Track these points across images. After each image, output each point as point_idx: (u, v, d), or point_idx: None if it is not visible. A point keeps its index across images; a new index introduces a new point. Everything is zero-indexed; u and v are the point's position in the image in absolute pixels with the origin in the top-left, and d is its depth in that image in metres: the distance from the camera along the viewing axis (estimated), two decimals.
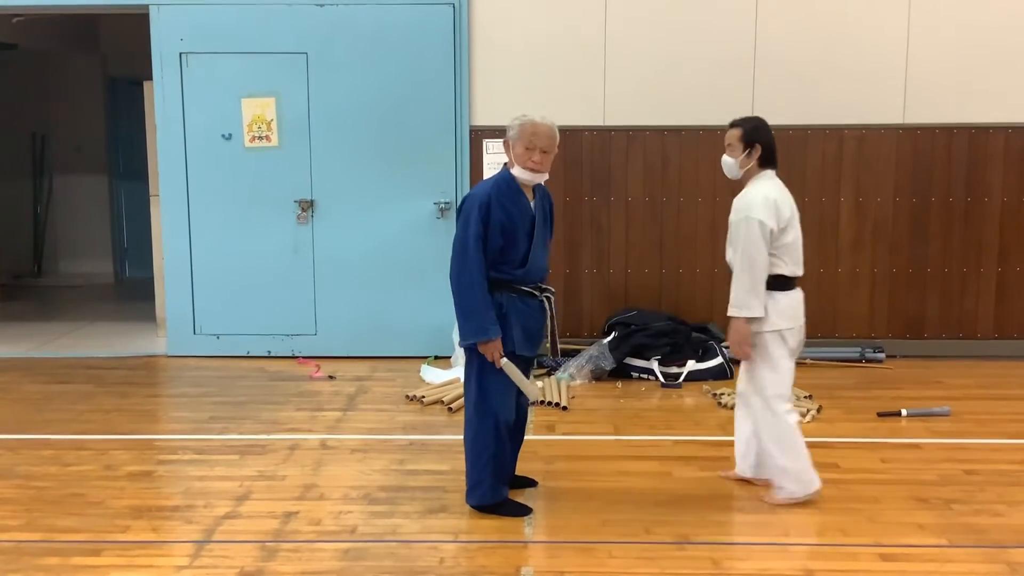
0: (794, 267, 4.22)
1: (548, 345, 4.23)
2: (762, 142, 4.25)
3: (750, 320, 4.15)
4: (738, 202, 4.21)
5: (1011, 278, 7.11)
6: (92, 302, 9.64)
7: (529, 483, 4.47)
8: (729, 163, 4.31)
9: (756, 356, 4.21)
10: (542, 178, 4.07)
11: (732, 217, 4.20)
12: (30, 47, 10.39)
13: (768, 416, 4.23)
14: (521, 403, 4.25)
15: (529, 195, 4.09)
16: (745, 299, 4.15)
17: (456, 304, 4.01)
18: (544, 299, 4.14)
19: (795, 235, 4.21)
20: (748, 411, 4.37)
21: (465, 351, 4.15)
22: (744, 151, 4.25)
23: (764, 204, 4.12)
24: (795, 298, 4.26)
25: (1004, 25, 6.89)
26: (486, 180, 4.15)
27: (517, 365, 4.08)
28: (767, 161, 4.27)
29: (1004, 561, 3.71)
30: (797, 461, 4.22)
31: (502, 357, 3.98)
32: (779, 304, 4.19)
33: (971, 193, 7.05)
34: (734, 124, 4.32)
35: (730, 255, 4.27)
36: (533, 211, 4.08)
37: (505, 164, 4.12)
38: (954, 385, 6.40)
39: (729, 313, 4.19)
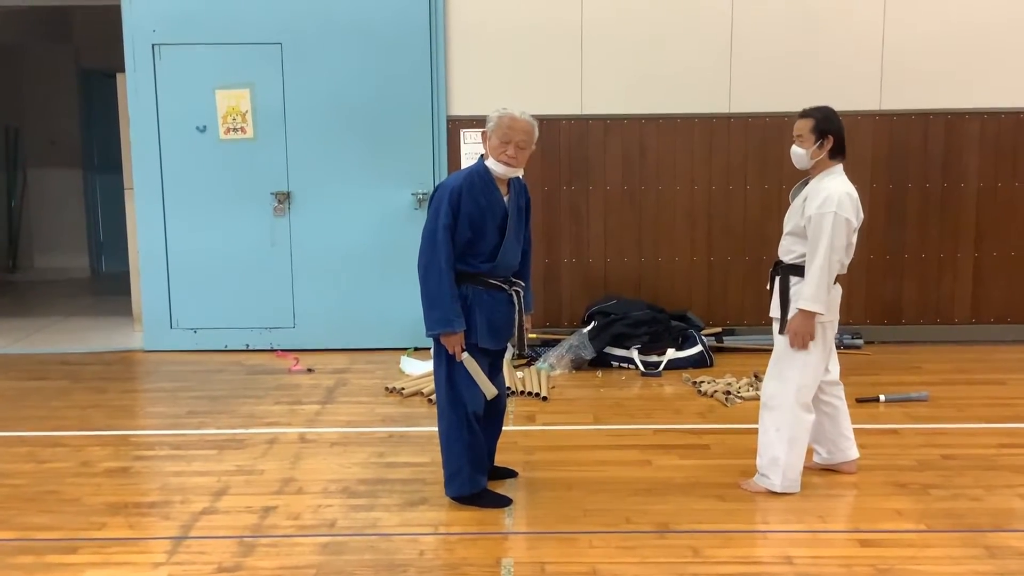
0: (847, 264, 4.21)
1: (515, 340, 4.20)
2: (834, 132, 4.16)
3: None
4: (818, 195, 4.08)
5: (987, 263, 7.15)
6: (67, 297, 9.55)
7: (510, 474, 4.46)
8: (799, 154, 4.20)
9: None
10: (516, 173, 4.03)
11: (814, 211, 4.06)
12: (2, 40, 10.27)
13: (790, 408, 4.17)
14: (499, 392, 4.22)
15: (503, 189, 4.06)
16: (821, 295, 4.05)
17: (422, 294, 3.99)
18: (513, 292, 4.12)
19: (854, 235, 4.17)
20: (765, 404, 4.28)
21: (433, 343, 4.12)
22: (816, 142, 4.16)
23: (850, 202, 4.07)
24: (838, 291, 4.23)
25: (979, 11, 6.91)
26: (460, 171, 4.13)
27: (483, 358, 4.07)
28: (838, 152, 4.19)
29: (982, 545, 3.73)
30: (793, 458, 4.21)
31: (463, 351, 3.97)
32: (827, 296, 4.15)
33: (947, 179, 7.08)
34: (804, 114, 4.23)
35: (801, 248, 4.14)
36: (506, 205, 4.04)
37: (482, 155, 4.09)
38: (932, 370, 6.43)
39: (801, 306, 4.06)
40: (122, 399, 6.04)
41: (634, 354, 6.52)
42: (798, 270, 4.16)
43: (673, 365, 6.50)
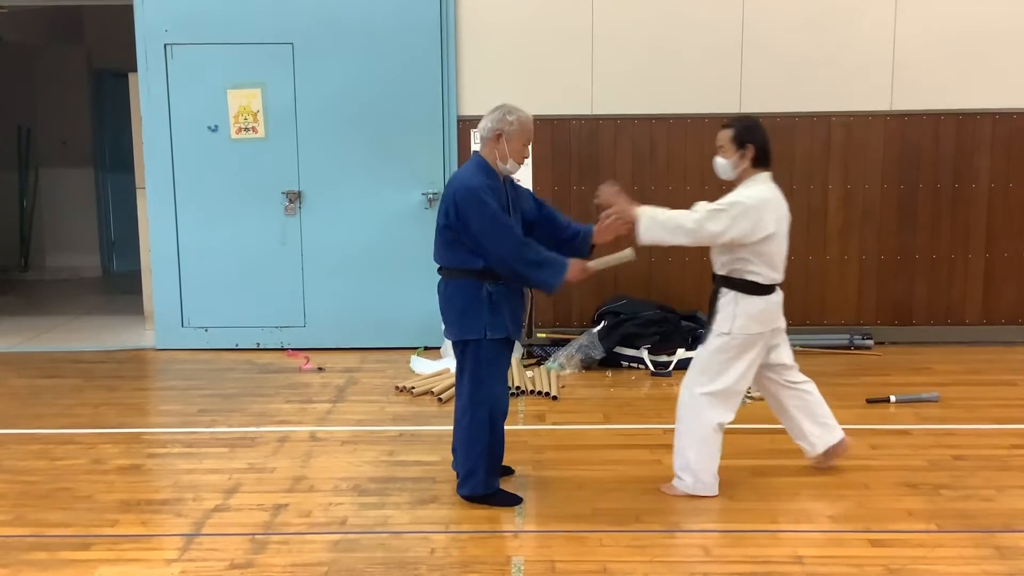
0: (772, 274, 4.14)
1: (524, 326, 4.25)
2: (755, 142, 4.16)
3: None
4: (730, 197, 4.10)
5: (999, 264, 7.13)
6: (79, 296, 9.60)
7: (506, 471, 4.46)
8: (722, 164, 4.23)
9: (719, 354, 4.16)
10: None
11: (715, 204, 4.08)
12: (14, 40, 10.31)
13: (699, 410, 4.17)
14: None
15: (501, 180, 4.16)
16: (656, 230, 4.07)
17: (525, 268, 3.99)
18: None
19: (779, 244, 4.12)
20: (680, 408, 4.29)
21: (458, 344, 4.13)
22: (737, 152, 4.17)
23: (750, 210, 4.01)
24: (772, 302, 4.17)
25: (991, 11, 6.88)
26: (468, 170, 4.11)
27: (507, 349, 4.11)
28: (761, 162, 4.19)
29: (993, 545, 3.72)
30: (704, 460, 4.18)
31: (586, 262, 4.07)
32: (752, 309, 4.11)
33: (959, 179, 7.06)
34: (726, 125, 4.24)
35: (726, 256, 4.15)
36: (507, 194, 4.14)
37: (476, 152, 4.14)
38: (942, 371, 6.41)
39: (640, 214, 4.07)
40: (134, 397, 6.06)
41: (644, 354, 6.52)
42: (729, 282, 4.15)
43: (683, 365, 6.44)
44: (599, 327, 6.67)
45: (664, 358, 6.53)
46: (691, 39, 6.94)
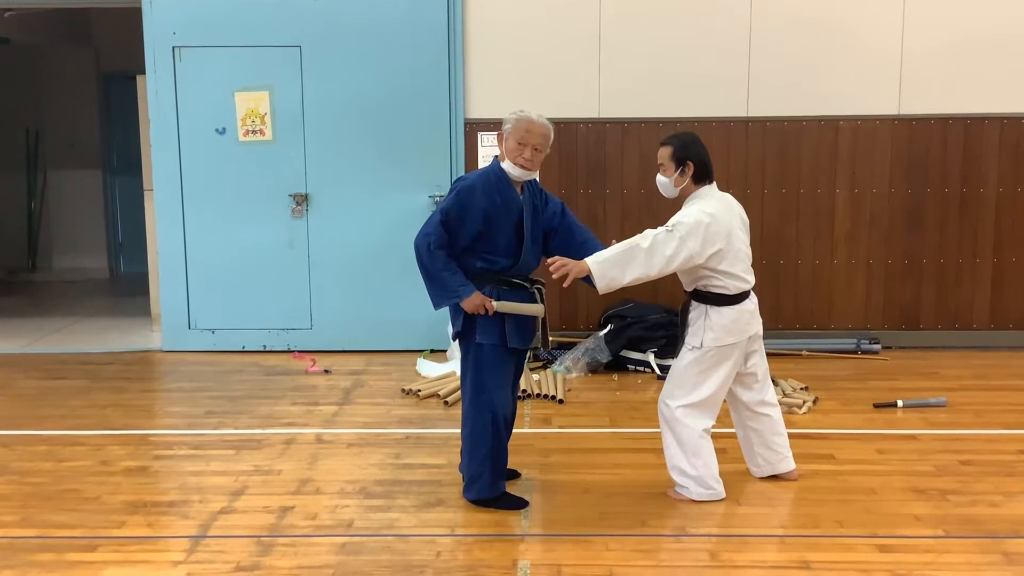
0: (738, 284, 4.12)
1: (539, 336, 4.20)
2: (694, 159, 4.13)
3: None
4: (673, 219, 4.08)
5: (1007, 268, 7.11)
6: (87, 297, 9.62)
7: (513, 475, 4.46)
8: (664, 183, 4.22)
9: (692, 367, 4.17)
10: (531, 175, 4.09)
11: (661, 228, 4.04)
12: (22, 42, 10.34)
13: (680, 423, 4.17)
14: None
15: (518, 188, 4.10)
16: (614, 273, 4.01)
17: (421, 270, 4.05)
18: (535, 290, 4.13)
19: (734, 255, 4.08)
20: (662, 421, 4.28)
21: (461, 346, 4.15)
22: (677, 169, 4.16)
23: (695, 228, 3.99)
24: (743, 310, 4.14)
25: (999, 15, 6.87)
26: (477, 169, 4.21)
27: (510, 358, 4.09)
28: (702, 177, 4.18)
29: (1000, 551, 3.71)
30: (701, 469, 4.17)
31: (491, 301, 3.97)
32: (724, 320, 4.10)
33: (966, 184, 7.05)
34: (664, 142, 4.21)
35: (685, 275, 4.18)
36: (521, 203, 4.07)
37: (496, 157, 4.13)
38: (950, 376, 6.39)
39: (590, 263, 3.99)
40: (141, 399, 6.08)
41: (650, 357, 6.51)
42: (699, 295, 4.15)
43: None
44: (605, 330, 6.67)
45: (670, 362, 6.45)
46: (699, 42, 6.94)
